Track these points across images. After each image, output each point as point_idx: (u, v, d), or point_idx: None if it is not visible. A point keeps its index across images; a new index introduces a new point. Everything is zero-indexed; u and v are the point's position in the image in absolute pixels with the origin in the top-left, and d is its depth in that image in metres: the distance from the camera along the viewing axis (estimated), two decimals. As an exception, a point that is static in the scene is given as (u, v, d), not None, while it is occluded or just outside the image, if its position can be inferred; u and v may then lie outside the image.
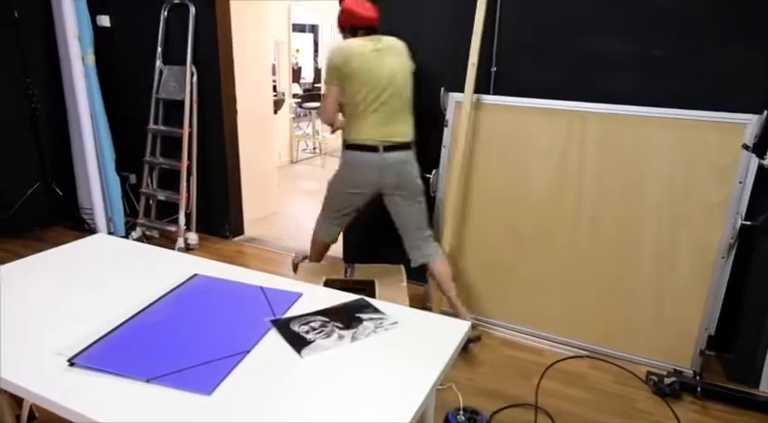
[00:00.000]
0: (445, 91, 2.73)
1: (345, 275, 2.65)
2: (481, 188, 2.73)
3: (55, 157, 3.87)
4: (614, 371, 2.42)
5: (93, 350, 1.20)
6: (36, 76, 3.64)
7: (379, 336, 1.31)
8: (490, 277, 2.77)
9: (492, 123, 2.66)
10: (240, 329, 1.30)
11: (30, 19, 3.58)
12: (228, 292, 1.50)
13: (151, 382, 1.10)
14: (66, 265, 1.66)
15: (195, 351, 1.21)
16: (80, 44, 3.53)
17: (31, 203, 3.67)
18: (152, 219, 3.85)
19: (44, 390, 1.09)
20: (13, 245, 3.61)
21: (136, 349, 1.21)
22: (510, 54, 2.63)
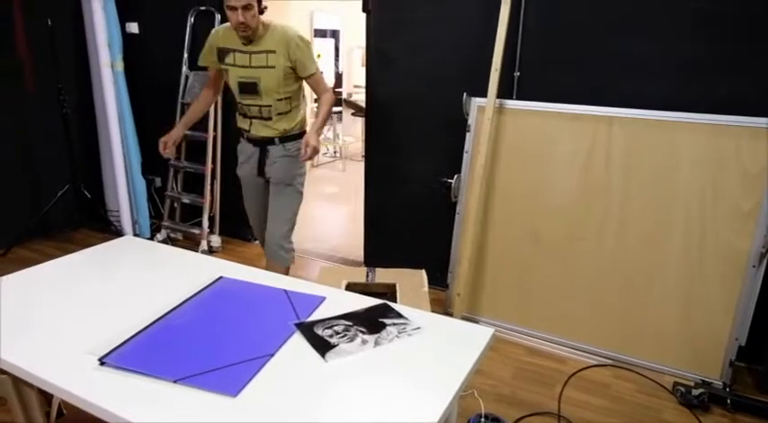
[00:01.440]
0: (467, 96, 2.72)
1: (367, 279, 2.65)
2: (503, 193, 2.71)
3: (84, 161, 3.96)
4: (639, 380, 2.38)
5: (122, 350, 1.22)
6: (67, 81, 3.72)
7: (402, 341, 1.31)
8: (511, 283, 2.75)
9: (515, 128, 2.64)
10: (265, 332, 1.31)
11: (62, 26, 3.67)
12: (253, 296, 1.51)
13: (178, 382, 1.11)
14: (96, 266, 1.70)
15: (221, 353, 1.22)
16: (110, 51, 3.61)
17: (61, 205, 3.75)
18: (176, 221, 3.90)
19: (74, 387, 1.11)
20: (43, 246, 3.70)
21: (164, 350, 1.23)
22: (534, 58, 2.61)
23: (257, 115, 2.43)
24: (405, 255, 3.19)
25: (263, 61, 2.30)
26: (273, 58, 2.30)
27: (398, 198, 3.19)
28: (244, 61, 2.33)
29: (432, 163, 3.00)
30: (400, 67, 2.97)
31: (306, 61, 2.33)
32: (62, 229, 3.88)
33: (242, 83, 2.36)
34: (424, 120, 2.98)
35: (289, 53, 2.28)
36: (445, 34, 2.79)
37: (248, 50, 2.31)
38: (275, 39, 2.29)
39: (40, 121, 3.72)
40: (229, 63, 2.37)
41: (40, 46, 3.60)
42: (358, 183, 3.46)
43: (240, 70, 2.36)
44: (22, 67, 3.59)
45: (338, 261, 3.63)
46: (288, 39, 2.28)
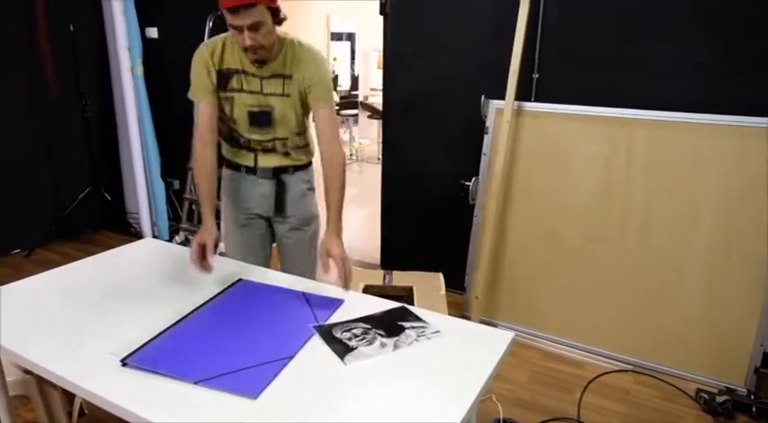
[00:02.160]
0: (485, 98, 2.71)
1: (384, 282, 2.65)
2: (522, 196, 2.69)
3: (105, 164, 4.02)
4: (661, 387, 2.34)
5: (144, 351, 1.23)
6: (88, 85, 3.79)
7: (421, 344, 1.30)
8: (530, 287, 2.73)
9: (534, 130, 2.62)
10: (284, 334, 1.32)
11: (84, 32, 3.73)
12: (272, 298, 1.52)
13: (199, 384, 1.12)
14: (118, 268, 1.72)
15: (241, 355, 1.23)
16: (130, 55, 3.67)
17: (83, 208, 3.81)
18: (194, 223, 3.93)
19: (96, 387, 1.12)
20: (65, 247, 3.76)
21: (185, 351, 1.24)
22: (553, 60, 2.60)
23: (269, 149, 1.86)
24: (422, 258, 3.18)
25: (279, 88, 1.75)
26: (290, 84, 1.75)
27: (415, 201, 3.19)
28: (255, 86, 1.75)
29: (449, 165, 2.99)
30: (417, 70, 2.96)
31: (327, 89, 1.77)
32: (83, 231, 3.94)
33: (252, 113, 1.78)
34: (441, 122, 2.97)
35: (304, 76, 1.73)
36: (463, 36, 2.79)
37: (260, 74, 1.73)
38: (293, 59, 1.73)
39: (62, 124, 3.79)
40: (235, 88, 1.75)
41: (63, 51, 3.66)
42: (374, 185, 3.46)
43: (250, 97, 1.76)
44: (45, 71, 3.66)
45: (354, 263, 3.62)
46: (311, 63, 1.73)
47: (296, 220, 1.95)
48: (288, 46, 1.73)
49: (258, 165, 1.87)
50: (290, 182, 1.91)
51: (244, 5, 1.50)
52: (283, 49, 1.72)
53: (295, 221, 1.95)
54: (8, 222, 3.62)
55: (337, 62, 8.68)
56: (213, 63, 1.73)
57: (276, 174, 1.88)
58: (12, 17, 3.45)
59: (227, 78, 1.74)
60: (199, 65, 1.74)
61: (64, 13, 3.61)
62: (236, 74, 1.73)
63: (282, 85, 1.74)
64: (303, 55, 1.73)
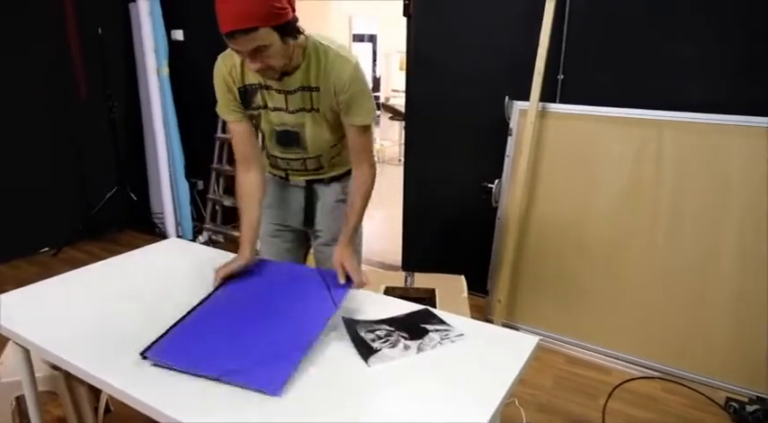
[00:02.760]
0: (509, 99, 2.69)
1: (405, 284, 2.64)
2: (546, 198, 2.66)
3: (131, 164, 4.09)
4: (689, 394, 2.29)
5: (163, 344, 1.24)
6: (115, 87, 3.86)
7: (445, 348, 1.29)
8: (554, 291, 2.69)
9: (558, 132, 2.59)
10: (302, 319, 1.32)
11: (111, 35, 3.81)
12: (286, 276, 1.55)
13: (221, 379, 1.13)
14: (143, 267, 1.74)
15: (260, 343, 1.23)
16: (156, 57, 3.73)
17: (109, 208, 3.89)
18: (218, 224, 3.98)
19: (121, 383, 1.14)
20: (92, 246, 3.84)
21: (203, 341, 1.25)
22: (579, 61, 2.56)
23: (300, 169, 1.72)
24: (443, 260, 3.17)
25: (306, 102, 1.54)
26: (318, 98, 1.52)
27: (437, 202, 3.17)
28: (279, 102, 1.55)
29: (472, 167, 2.97)
30: (441, 71, 2.95)
31: (359, 101, 1.52)
32: (109, 231, 4.01)
33: (279, 132, 1.62)
34: (464, 123, 2.96)
35: (335, 88, 1.49)
36: (487, 37, 2.77)
37: (282, 88, 1.51)
38: (318, 68, 1.49)
39: (90, 125, 3.87)
40: (259, 105, 1.58)
41: (91, 54, 3.74)
42: (395, 187, 3.45)
43: (275, 115, 1.58)
44: (75, 73, 3.74)
45: (375, 265, 3.63)
46: (340, 72, 1.47)
47: (326, 236, 1.80)
48: (312, 53, 1.47)
49: (290, 179, 1.77)
50: (322, 192, 1.77)
51: (240, 30, 1.27)
52: (306, 58, 1.47)
53: (325, 237, 1.80)
54: (37, 222, 3.70)
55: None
56: (233, 79, 1.55)
57: (310, 183, 1.76)
58: (43, 22, 3.54)
59: (250, 95, 1.56)
60: (219, 82, 1.58)
61: (93, 18, 3.69)
62: (259, 89, 1.54)
63: (310, 100, 1.53)
64: (330, 63, 1.47)
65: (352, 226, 1.61)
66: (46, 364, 1.66)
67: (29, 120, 3.57)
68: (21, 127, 3.54)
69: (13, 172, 3.54)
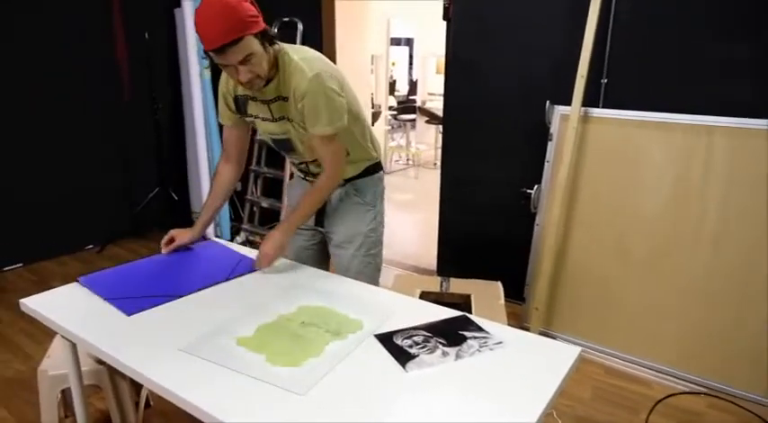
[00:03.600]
0: (550, 104, 2.64)
1: (441, 289, 2.62)
2: (586, 205, 2.60)
3: (172, 165, 4.19)
4: (737, 412, 2.19)
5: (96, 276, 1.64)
6: (160, 90, 3.97)
7: (483, 355, 1.27)
8: (593, 299, 2.63)
9: (601, 138, 2.53)
10: (194, 278, 1.66)
11: (157, 38, 3.92)
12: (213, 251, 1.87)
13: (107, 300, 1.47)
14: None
15: (153, 286, 1.59)
16: (198, 61, 3.82)
17: (151, 207, 3.99)
18: (255, 224, 4.04)
19: (160, 377, 1.17)
20: (134, 244, 3.95)
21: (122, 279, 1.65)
22: (623, 65, 2.50)
23: (306, 171, 1.82)
24: (479, 265, 3.13)
25: (283, 111, 1.62)
26: (289, 107, 1.60)
27: (474, 207, 3.14)
28: (266, 112, 1.65)
29: (510, 172, 2.94)
30: (480, 75, 2.93)
31: (315, 111, 1.54)
32: (151, 229, 4.12)
33: (274, 140, 1.74)
34: (503, 128, 2.92)
35: (294, 96, 1.55)
36: (528, 41, 2.73)
37: (265, 99, 1.61)
38: (284, 77, 1.56)
39: (135, 126, 3.99)
40: (252, 114, 1.69)
41: (138, 57, 3.86)
42: (430, 190, 3.44)
43: (264, 124, 1.68)
44: (122, 76, 3.86)
45: (409, 269, 3.62)
46: (297, 82, 1.53)
47: (337, 238, 1.82)
48: (280, 64, 1.56)
49: (308, 180, 1.86)
50: (332, 193, 1.78)
51: (229, 43, 1.38)
52: (279, 68, 1.56)
53: (336, 238, 1.82)
54: (83, 219, 3.83)
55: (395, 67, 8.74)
56: (229, 90, 1.69)
57: None
58: (93, 26, 3.67)
59: (243, 104, 1.69)
60: (220, 92, 1.73)
61: (140, 22, 3.80)
62: (250, 100, 1.66)
63: (286, 108, 1.61)
64: (289, 74, 1.54)
65: (291, 218, 1.68)
66: (91, 358, 1.72)
67: (76, 119, 3.69)
68: (68, 126, 3.66)
69: (60, 171, 3.67)
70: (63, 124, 3.63)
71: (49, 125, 3.56)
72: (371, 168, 1.84)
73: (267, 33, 1.48)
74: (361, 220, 1.81)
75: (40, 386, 1.75)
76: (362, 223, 1.81)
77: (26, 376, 2.37)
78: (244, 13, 1.40)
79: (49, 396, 1.75)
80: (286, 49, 1.58)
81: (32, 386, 2.23)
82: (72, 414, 1.88)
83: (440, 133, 6.73)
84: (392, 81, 8.42)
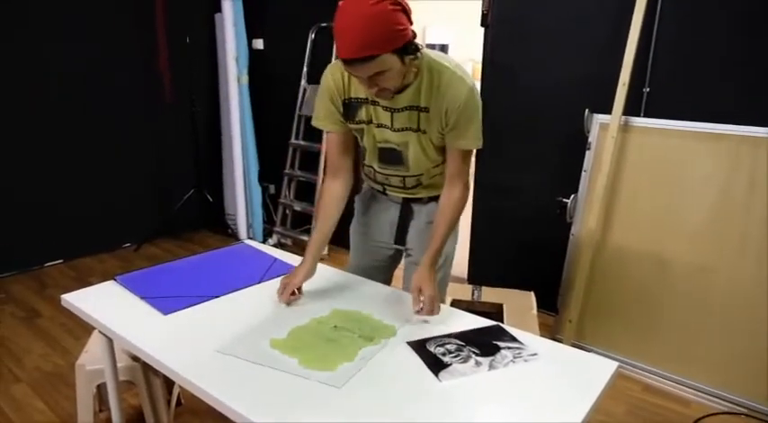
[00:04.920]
0: (589, 112, 2.59)
1: (472, 297, 2.59)
2: (625, 216, 2.54)
3: (208, 167, 4.27)
4: (781, 436, 2.10)
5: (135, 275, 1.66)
6: (198, 93, 4.05)
7: (517, 366, 1.25)
8: (629, 313, 2.55)
9: (642, 148, 2.47)
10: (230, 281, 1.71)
11: (198, 43, 4.00)
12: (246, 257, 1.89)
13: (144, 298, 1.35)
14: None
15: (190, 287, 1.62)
16: (237, 65, 3.89)
17: (186, 207, 4.07)
18: (287, 227, 4.08)
19: (194, 376, 1.18)
20: (169, 244, 4.03)
21: (162, 280, 1.69)
22: (667, 72, 2.43)
23: (398, 186, 1.68)
24: (512, 274, 3.08)
25: (413, 122, 1.49)
26: (426, 118, 1.48)
27: (508, 215, 3.10)
28: (384, 119, 1.52)
29: (546, 180, 2.89)
30: (518, 82, 2.89)
31: (468, 125, 1.46)
32: (185, 230, 4.20)
33: (382, 149, 1.59)
34: (539, 135, 2.88)
35: (447, 110, 1.43)
36: (568, 47, 2.69)
37: (391, 107, 1.48)
38: (430, 87, 1.43)
39: (174, 128, 4.08)
40: (363, 120, 1.55)
41: (178, 61, 3.95)
42: (465, 198, 3.39)
43: (378, 132, 1.55)
44: (163, 80, 3.95)
45: (441, 276, 3.59)
46: (454, 93, 1.42)
47: (417, 255, 1.70)
48: (425, 72, 1.42)
49: (387, 193, 1.73)
50: (418, 211, 1.71)
51: (360, 59, 1.25)
52: (419, 76, 1.42)
53: (416, 256, 1.71)
54: (121, 218, 3.93)
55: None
56: (339, 91, 1.52)
57: (407, 200, 1.71)
58: (137, 31, 3.77)
59: (354, 109, 1.54)
60: (323, 92, 1.55)
61: (181, 27, 3.89)
62: (364, 104, 1.52)
63: (417, 120, 1.48)
64: (445, 84, 1.41)
65: (435, 248, 1.53)
66: (126, 354, 1.75)
67: (118, 119, 3.79)
68: (110, 126, 3.76)
69: (100, 170, 3.77)
70: (105, 124, 3.73)
71: (91, 125, 3.67)
72: None
73: (411, 45, 1.32)
74: (448, 240, 1.66)
75: (77, 380, 1.80)
76: (449, 242, 1.67)
77: (64, 370, 2.44)
78: (390, 27, 1.24)
79: (85, 390, 1.79)
80: (430, 54, 1.44)
81: (69, 380, 2.29)
82: (107, 409, 1.92)
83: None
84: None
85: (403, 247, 1.79)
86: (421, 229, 1.72)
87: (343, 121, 1.57)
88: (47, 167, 3.53)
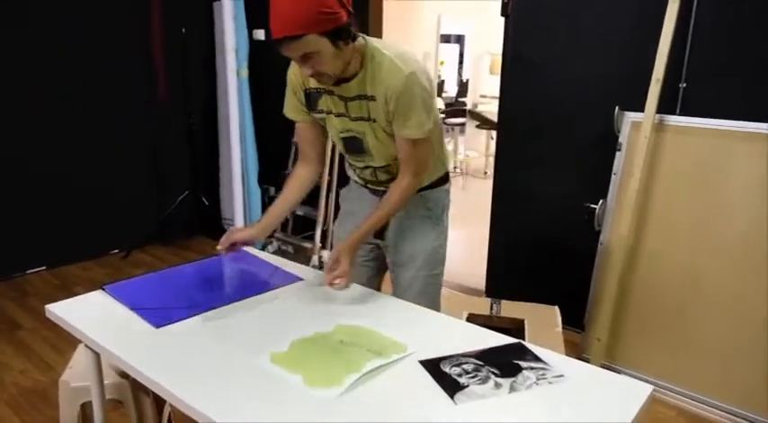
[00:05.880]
0: (620, 110, 2.58)
1: (491, 312, 2.58)
2: (659, 224, 2.52)
3: (204, 167, 4.28)
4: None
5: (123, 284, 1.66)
6: (194, 88, 4.08)
7: (541, 389, 1.23)
8: (665, 331, 2.53)
9: (678, 149, 2.45)
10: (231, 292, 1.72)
11: (193, 34, 4.03)
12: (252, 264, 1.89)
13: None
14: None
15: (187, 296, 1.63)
16: (236, 58, 3.91)
17: (180, 211, 4.09)
18: (288, 233, 4.09)
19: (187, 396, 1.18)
20: (161, 251, 4.05)
21: (151, 289, 1.71)
22: (706, 67, 2.42)
23: (372, 179, 1.80)
24: (534, 287, 3.07)
25: (364, 111, 1.61)
26: (375, 107, 1.58)
27: (530, 221, 3.09)
28: (341, 108, 1.64)
29: (572, 185, 2.88)
30: (540, 75, 2.89)
31: (408, 113, 1.55)
32: (179, 235, 4.22)
33: (344, 139, 1.71)
34: (565, 135, 2.87)
35: (386, 98, 1.54)
36: (596, 39, 2.68)
37: (344, 95, 1.60)
38: (373, 76, 1.55)
39: (167, 127, 4.11)
40: (323, 110, 1.68)
41: (173, 53, 3.97)
42: (479, 202, 3.41)
43: (338, 121, 1.67)
44: (156, 73, 3.98)
45: (454, 288, 3.58)
46: (390, 81, 1.52)
47: (399, 254, 1.80)
48: (368, 61, 1.54)
49: (368, 186, 1.83)
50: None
51: (288, 37, 1.37)
52: (364, 65, 1.54)
53: (398, 255, 1.80)
54: (109, 222, 3.95)
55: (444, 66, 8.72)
56: (299, 82, 1.68)
57: (384, 193, 1.73)
58: (129, 20, 3.79)
59: (314, 99, 1.68)
60: (288, 83, 1.73)
61: (177, 16, 3.92)
62: (324, 94, 1.64)
63: (367, 109, 1.59)
64: (384, 71, 1.53)
65: (364, 228, 1.64)
66: (114, 370, 1.75)
67: (106, 115, 3.81)
68: (97, 122, 3.78)
69: (85, 171, 3.79)
70: (92, 120, 3.76)
71: (76, 121, 3.69)
72: (442, 178, 1.84)
73: (343, 31, 1.43)
74: (428, 236, 1.78)
75: (60, 398, 1.80)
76: (428, 239, 1.78)
77: (46, 387, 2.45)
78: (316, 8, 1.36)
79: (69, 409, 1.79)
80: (374, 44, 1.56)
81: (52, 398, 2.30)
82: (92, 429, 1.93)
83: (492, 139, 6.68)
84: (440, 81, 8.41)
85: (381, 242, 1.85)
86: (400, 224, 1.79)
87: (307, 112, 1.72)
88: (28, 168, 3.55)
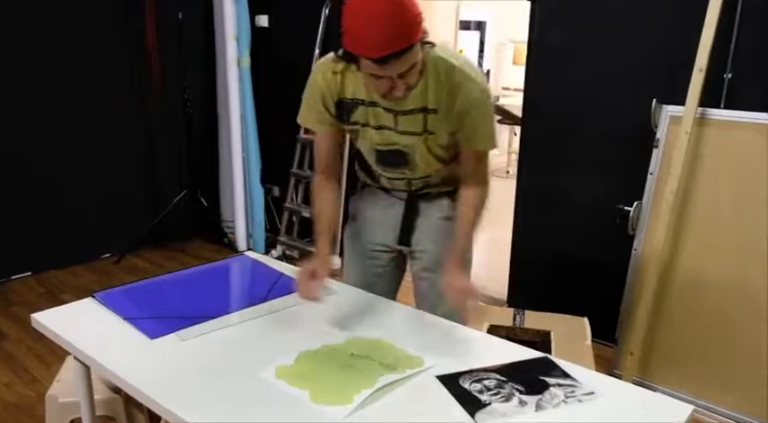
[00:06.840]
0: (657, 103, 2.57)
1: (513, 323, 2.57)
2: (700, 228, 2.50)
3: (203, 165, 4.30)
4: None
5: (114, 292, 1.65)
6: (192, 78, 4.10)
7: (570, 408, 1.23)
8: (705, 346, 2.51)
9: (722, 145, 2.43)
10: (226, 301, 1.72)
11: (191, 20, 4.05)
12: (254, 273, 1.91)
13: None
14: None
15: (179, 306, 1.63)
16: (237, 46, 3.94)
17: (177, 212, 4.11)
18: (294, 237, 4.10)
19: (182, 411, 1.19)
20: (157, 255, 4.08)
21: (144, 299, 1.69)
22: (754, 55, 2.40)
23: (404, 189, 1.79)
24: (561, 296, 3.06)
25: (419, 125, 1.57)
26: (434, 120, 1.55)
27: (557, 226, 3.09)
28: (387, 121, 1.59)
29: (603, 185, 2.87)
30: (570, 67, 2.89)
31: (482, 125, 1.58)
32: (175, 238, 4.24)
33: (382, 152, 1.67)
34: (596, 130, 2.87)
35: (460, 112, 1.53)
36: (632, 24, 2.67)
37: (393, 108, 1.55)
38: (438, 87, 1.51)
39: (163, 121, 4.13)
40: (359, 121, 1.62)
41: (169, 41, 3.98)
42: (500, 204, 3.38)
43: (377, 134, 1.62)
44: (150, 63, 4.00)
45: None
46: (467, 94, 1.51)
47: (428, 259, 1.80)
48: (431, 68, 1.49)
49: (389, 190, 1.81)
50: (426, 207, 1.79)
51: (395, 53, 1.30)
52: (425, 75, 1.49)
53: (427, 260, 1.81)
54: (100, 225, 3.98)
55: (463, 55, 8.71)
56: (331, 92, 1.60)
57: (412, 197, 1.78)
58: (119, 5, 3.81)
59: (349, 109, 1.61)
60: (313, 91, 1.63)
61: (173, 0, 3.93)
62: (361, 105, 1.59)
63: (424, 122, 1.56)
64: (455, 84, 1.50)
65: (460, 247, 1.63)
66: (105, 384, 1.77)
67: (96, 109, 3.84)
68: (85, 117, 3.80)
69: (73, 169, 3.82)
70: (80, 115, 3.78)
71: (64, 116, 3.72)
72: None
73: (426, 35, 1.40)
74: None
75: (47, 414, 1.82)
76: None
77: (32, 402, 2.47)
78: (414, 11, 1.31)
79: (57, 426, 1.81)
80: (437, 51, 1.51)
81: (38, 414, 2.33)
82: (81, 447, 1.94)
83: (515, 136, 6.65)
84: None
85: (407, 249, 1.85)
86: (431, 228, 1.79)
87: (334, 123, 1.66)
88: (13, 168, 3.57)
